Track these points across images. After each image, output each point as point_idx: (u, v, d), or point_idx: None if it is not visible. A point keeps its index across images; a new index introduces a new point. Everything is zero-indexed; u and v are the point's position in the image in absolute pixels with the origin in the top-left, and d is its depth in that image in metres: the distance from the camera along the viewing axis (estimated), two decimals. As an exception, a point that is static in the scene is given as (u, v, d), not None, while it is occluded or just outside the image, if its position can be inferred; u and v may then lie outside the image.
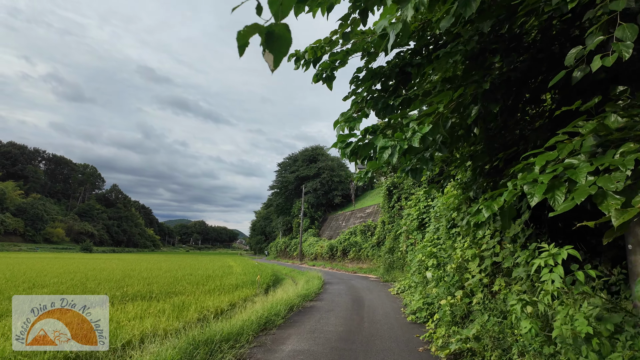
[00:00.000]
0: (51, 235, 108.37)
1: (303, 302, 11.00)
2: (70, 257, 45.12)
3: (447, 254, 9.02)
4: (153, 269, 24.18)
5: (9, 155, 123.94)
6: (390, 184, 26.38)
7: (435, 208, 12.89)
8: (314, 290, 13.44)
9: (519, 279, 5.98)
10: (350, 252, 32.48)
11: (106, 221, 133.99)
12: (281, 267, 33.85)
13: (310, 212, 57.14)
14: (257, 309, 8.54)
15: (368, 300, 11.90)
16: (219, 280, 17.56)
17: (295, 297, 10.81)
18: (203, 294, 13.17)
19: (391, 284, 17.51)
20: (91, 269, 23.08)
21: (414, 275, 12.45)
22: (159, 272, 21.73)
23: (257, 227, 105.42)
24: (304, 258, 46.44)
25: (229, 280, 17.89)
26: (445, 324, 6.71)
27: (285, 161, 66.29)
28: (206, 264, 32.54)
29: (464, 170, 6.93)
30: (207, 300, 11.31)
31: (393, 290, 14.25)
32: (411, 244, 16.33)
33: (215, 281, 17.28)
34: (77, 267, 25.39)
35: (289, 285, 18.45)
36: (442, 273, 8.10)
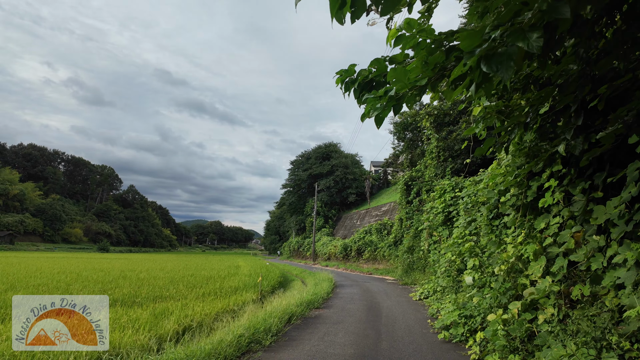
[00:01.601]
0: (69, 235, 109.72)
1: (306, 311, 9.13)
2: (79, 257, 44.49)
3: (488, 252, 7.04)
4: (155, 269, 22.75)
5: (30, 157, 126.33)
6: (407, 177, 24.29)
7: (465, 199, 10.87)
8: (322, 295, 11.56)
9: (611, 287, 4.00)
10: (365, 252, 30.45)
11: (123, 221, 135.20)
12: (292, 268, 32.10)
13: (323, 210, 55.23)
14: (243, 323, 6.72)
15: (386, 309, 9.95)
16: (220, 282, 15.90)
17: (296, 305, 8.95)
18: (195, 299, 11.50)
19: (411, 288, 15.50)
20: (90, 269, 21.80)
21: (440, 278, 10.44)
22: (159, 273, 20.26)
23: (272, 227, 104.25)
24: (317, 258, 44.60)
25: (231, 282, 16.21)
26: (499, 349, 4.75)
27: (298, 159, 64.55)
28: (214, 264, 31.07)
29: (520, 133, 4.90)
30: (195, 307, 9.62)
31: (415, 295, 12.27)
32: (434, 242, 14.30)
33: (215, 283, 15.62)
34: (77, 266, 24.21)
35: (296, 288, 16.65)
36: (487, 277, 6.12)
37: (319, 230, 51.96)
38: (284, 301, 9.56)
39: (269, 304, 10.72)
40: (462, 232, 9.87)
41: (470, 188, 11.07)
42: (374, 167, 70.21)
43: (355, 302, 11.20)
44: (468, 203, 10.50)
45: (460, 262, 8.86)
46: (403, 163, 30.64)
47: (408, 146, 27.83)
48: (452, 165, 16.33)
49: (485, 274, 6.43)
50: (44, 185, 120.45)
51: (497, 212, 6.71)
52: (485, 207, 6.85)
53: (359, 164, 62.28)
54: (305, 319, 8.40)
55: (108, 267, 23.87)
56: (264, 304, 11.79)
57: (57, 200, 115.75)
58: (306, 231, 58.04)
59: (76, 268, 22.61)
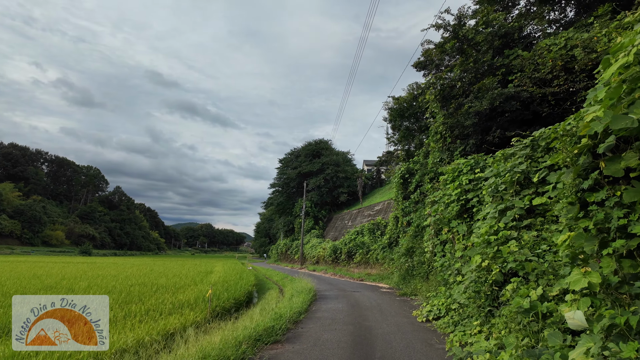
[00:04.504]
0: (50, 237, 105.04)
1: (257, 351, 5.78)
2: (43, 261, 40.42)
3: (567, 252, 3.78)
4: (107, 277, 19.12)
5: (10, 157, 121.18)
6: (404, 170, 21.13)
7: (491, 180, 7.64)
8: (291, 315, 8.21)
9: None
10: (356, 254, 27.14)
11: (108, 224, 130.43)
12: (274, 273, 28.66)
13: (313, 211, 51.81)
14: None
15: (382, 341, 6.66)
16: (170, 295, 12.45)
17: (242, 341, 5.60)
18: (115, 321, 8.15)
19: (412, 300, 12.24)
20: (26, 275, 18.12)
21: (461, 293, 7.17)
22: (112, 281, 16.69)
23: (261, 229, 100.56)
24: (305, 262, 41.17)
25: (184, 294, 12.77)
26: None
27: (287, 157, 61.03)
28: (187, 269, 27.42)
29: None
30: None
31: (420, 314, 9.00)
32: (442, 241, 11.04)
33: (163, 295, 12.19)
34: (34, 271, 20.47)
35: (268, 300, 13.28)
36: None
37: (309, 232, 48.50)
38: (221, 337, 6.15)
39: (211, 332, 7.36)
40: (494, 225, 6.63)
41: (499, 164, 7.85)
42: (367, 166, 67.08)
43: (336, 326, 7.88)
44: (498, 184, 7.27)
45: (498, 270, 5.60)
46: (399, 155, 27.44)
47: (404, 135, 24.65)
48: (462, 148, 13.14)
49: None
50: (25, 186, 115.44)
51: (597, 177, 3.45)
52: (572, 170, 3.60)
53: (350, 162, 58.98)
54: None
55: (52, 272, 20.19)
56: (211, 326, 8.43)
57: (39, 202, 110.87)
58: (295, 233, 54.55)
59: (30, 273, 18.93)
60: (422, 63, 17.18)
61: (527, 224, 6.41)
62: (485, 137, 12.63)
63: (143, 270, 25.09)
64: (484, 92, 12.03)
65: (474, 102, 12.33)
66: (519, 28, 13.26)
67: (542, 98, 11.76)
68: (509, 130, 12.08)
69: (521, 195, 6.80)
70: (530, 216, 6.67)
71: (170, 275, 20.49)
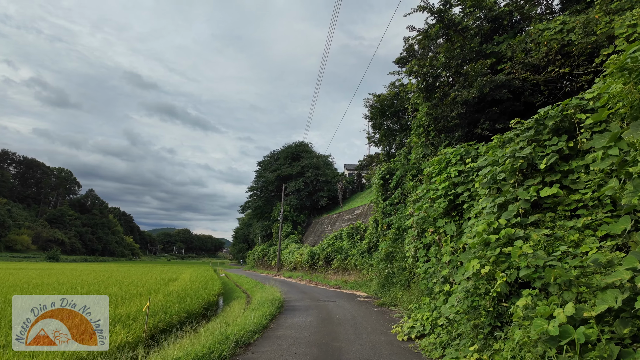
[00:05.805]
0: (14, 242, 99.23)
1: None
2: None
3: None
4: (53, 284, 16.96)
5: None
6: (385, 170, 19.92)
7: (486, 170, 6.33)
8: (241, 336, 6.61)
9: None
10: (334, 260, 25.65)
11: (79, 228, 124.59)
12: (247, 280, 26.82)
13: (292, 215, 50.09)
14: None
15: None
16: (112, 308, 10.65)
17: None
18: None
19: (392, 311, 10.83)
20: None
21: (449, 307, 5.77)
22: (51, 290, 14.67)
23: (240, 234, 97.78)
24: (282, 268, 39.38)
25: (131, 306, 10.98)
26: None
27: (265, 159, 59.23)
28: (149, 277, 25.21)
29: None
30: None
31: (400, 331, 7.58)
32: (425, 245, 9.69)
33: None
34: None
35: (229, 313, 11.61)
36: None
37: (287, 237, 46.71)
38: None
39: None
40: (493, 223, 5.28)
41: (494, 152, 6.56)
42: (348, 171, 65.96)
43: (297, 349, 6.34)
44: (496, 173, 5.95)
45: (505, 279, 4.23)
46: (380, 157, 26.23)
47: (385, 135, 23.47)
48: (447, 142, 11.92)
49: None
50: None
51: None
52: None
53: (331, 166, 57.70)
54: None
55: None
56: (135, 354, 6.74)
57: (3, 204, 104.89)
58: (273, 238, 52.61)
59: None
60: (404, 58, 16.01)
61: (534, 220, 5.09)
62: (472, 130, 11.43)
63: (100, 277, 22.84)
64: (472, 79, 10.85)
65: (460, 90, 11.14)
66: (509, 13, 12.20)
67: (534, 88, 10.68)
68: (498, 122, 10.94)
69: (525, 185, 5.50)
70: (536, 211, 5.37)
71: (126, 283, 18.43)
